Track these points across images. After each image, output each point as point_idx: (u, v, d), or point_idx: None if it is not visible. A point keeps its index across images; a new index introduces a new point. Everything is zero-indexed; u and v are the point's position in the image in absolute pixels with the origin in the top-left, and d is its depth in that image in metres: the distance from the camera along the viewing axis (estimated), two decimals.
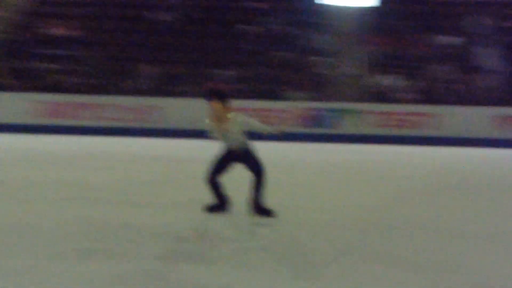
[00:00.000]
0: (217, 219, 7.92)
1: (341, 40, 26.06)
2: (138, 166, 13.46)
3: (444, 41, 25.99)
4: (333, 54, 25.48)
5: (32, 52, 25.23)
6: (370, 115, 23.03)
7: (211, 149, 8.92)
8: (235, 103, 8.53)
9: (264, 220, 7.90)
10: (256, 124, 7.99)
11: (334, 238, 7.08)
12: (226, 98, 7.82)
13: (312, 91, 24.09)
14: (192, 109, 21.70)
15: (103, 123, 22.74)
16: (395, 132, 22.82)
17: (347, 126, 22.86)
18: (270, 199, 8.26)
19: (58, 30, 26.43)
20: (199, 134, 11.25)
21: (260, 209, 8.01)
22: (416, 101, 23.76)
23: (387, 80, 24.26)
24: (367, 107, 23.25)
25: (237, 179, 8.86)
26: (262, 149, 8.72)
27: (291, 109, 23.02)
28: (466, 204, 9.85)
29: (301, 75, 24.60)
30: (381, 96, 23.88)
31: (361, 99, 23.90)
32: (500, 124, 22.98)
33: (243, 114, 8.00)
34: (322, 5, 27.22)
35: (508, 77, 24.94)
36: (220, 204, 8.13)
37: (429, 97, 24.03)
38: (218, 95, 7.81)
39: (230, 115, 7.82)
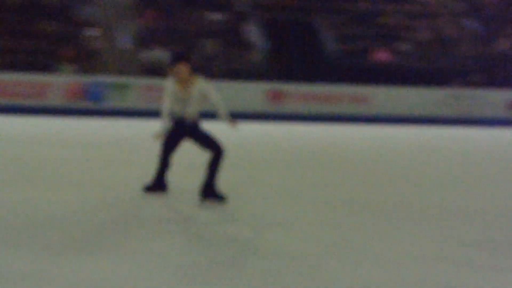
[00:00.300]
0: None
1: (111, 13, 25.53)
2: None
3: (213, 17, 26.39)
4: (104, 27, 24.91)
5: None
6: (140, 89, 22.85)
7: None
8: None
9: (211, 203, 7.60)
10: (216, 98, 7.71)
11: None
12: (191, 61, 7.63)
13: (82, 64, 23.41)
14: None
15: None
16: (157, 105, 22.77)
17: (117, 100, 22.51)
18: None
19: None
20: None
21: (212, 193, 7.64)
22: None
23: (157, 54, 24.18)
24: (137, 81, 23.05)
25: None
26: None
27: (60, 82, 22.23)
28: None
29: (70, 48, 23.79)
30: (152, 70, 23.77)
31: (131, 72, 23.64)
32: (271, 98, 23.84)
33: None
34: None
35: (275, 53, 25.90)
36: (158, 185, 7.93)
37: (200, 72, 24.31)
38: (187, 57, 7.65)
39: (196, 79, 7.65)
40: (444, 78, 26.17)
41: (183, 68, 7.59)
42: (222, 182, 8.40)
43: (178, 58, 7.65)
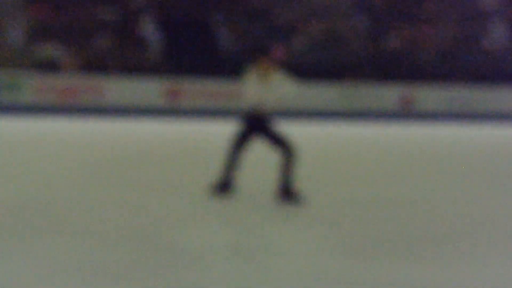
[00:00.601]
0: None
1: (1, 7, 24.70)
2: None
3: (107, 13, 25.97)
4: None
5: None
6: (31, 85, 22.21)
7: None
8: None
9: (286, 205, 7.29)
10: (293, 89, 7.51)
11: None
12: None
13: None
14: None
15: None
16: (57, 102, 22.31)
17: (7, 97, 21.81)
18: None
19: None
20: None
21: (288, 193, 7.41)
22: (79, 71, 23.47)
23: (49, 50, 23.57)
24: (28, 76, 22.39)
25: None
26: None
27: None
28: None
29: None
30: (44, 65, 23.16)
31: (22, 68, 22.96)
32: (168, 94, 23.67)
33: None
34: None
35: (170, 50, 25.77)
36: (225, 184, 7.52)
37: (93, 67, 23.89)
38: (267, 52, 7.41)
39: (275, 72, 7.47)
40: (337, 74, 26.76)
41: (264, 63, 7.43)
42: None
43: (260, 51, 7.44)
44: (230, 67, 25.48)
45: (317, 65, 27.00)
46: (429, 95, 27.02)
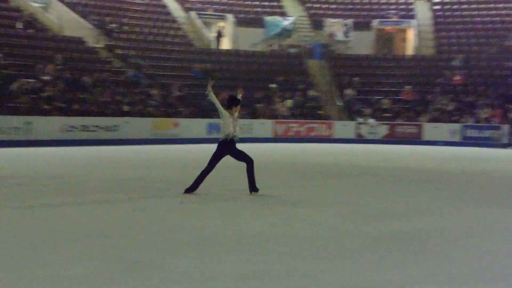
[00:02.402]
0: None
1: None
2: None
3: None
4: None
5: None
6: None
7: None
8: None
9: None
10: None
11: None
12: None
13: None
14: None
15: None
16: None
17: None
18: None
19: None
20: None
21: (254, 187, 11.28)
22: None
23: None
24: None
25: None
26: None
27: None
28: None
29: None
30: None
31: None
32: None
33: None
34: None
35: None
36: (193, 188, 11.21)
37: None
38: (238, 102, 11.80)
39: (236, 114, 11.69)
40: None
41: (237, 109, 11.74)
42: None
43: (235, 101, 11.68)
44: None
45: None
46: None
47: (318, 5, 45.90)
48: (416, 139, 34.47)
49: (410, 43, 44.28)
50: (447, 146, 32.23)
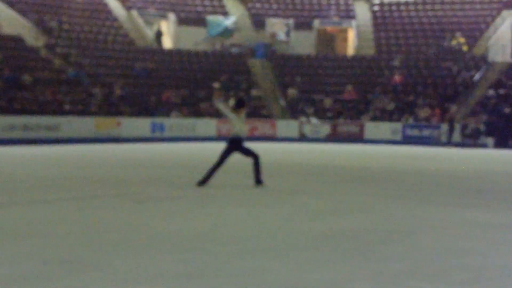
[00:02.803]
0: None
1: None
2: None
3: None
4: None
5: None
6: None
7: None
8: None
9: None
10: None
11: None
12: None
13: None
14: None
15: None
16: None
17: None
18: None
19: None
20: None
21: (259, 181, 12.71)
22: None
23: None
24: None
25: None
26: None
27: None
28: None
29: None
30: None
31: None
32: None
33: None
34: None
35: None
36: (205, 181, 12.56)
37: None
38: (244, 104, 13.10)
39: (242, 113, 12.83)
40: None
41: (243, 110, 12.86)
42: None
43: (242, 103, 12.97)
44: None
45: None
46: None
47: (259, 5, 46.09)
48: (358, 138, 34.97)
49: (351, 43, 44.84)
50: (388, 145, 32.76)
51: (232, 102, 36.63)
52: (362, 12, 45.63)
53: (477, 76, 38.24)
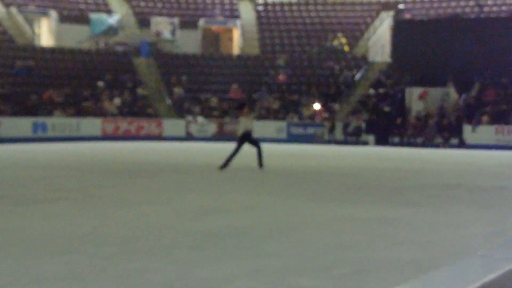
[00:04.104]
0: None
1: None
2: None
3: None
4: None
5: None
6: None
7: None
8: None
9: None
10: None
11: None
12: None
13: None
14: None
15: None
16: None
17: None
18: None
19: None
20: None
21: (261, 164, 16.82)
22: None
23: None
24: None
25: None
26: None
27: None
28: None
29: None
30: None
31: None
32: None
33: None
34: None
35: None
36: (225, 165, 16.36)
37: None
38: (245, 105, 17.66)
39: (248, 112, 17.16)
40: None
41: (247, 109, 17.28)
42: None
43: (243, 105, 17.48)
44: None
45: None
46: None
47: (144, 3, 45.68)
48: None
49: (236, 42, 45.17)
50: (274, 143, 33.21)
51: (117, 101, 36.09)
52: (247, 12, 46.03)
53: (358, 76, 39.35)
